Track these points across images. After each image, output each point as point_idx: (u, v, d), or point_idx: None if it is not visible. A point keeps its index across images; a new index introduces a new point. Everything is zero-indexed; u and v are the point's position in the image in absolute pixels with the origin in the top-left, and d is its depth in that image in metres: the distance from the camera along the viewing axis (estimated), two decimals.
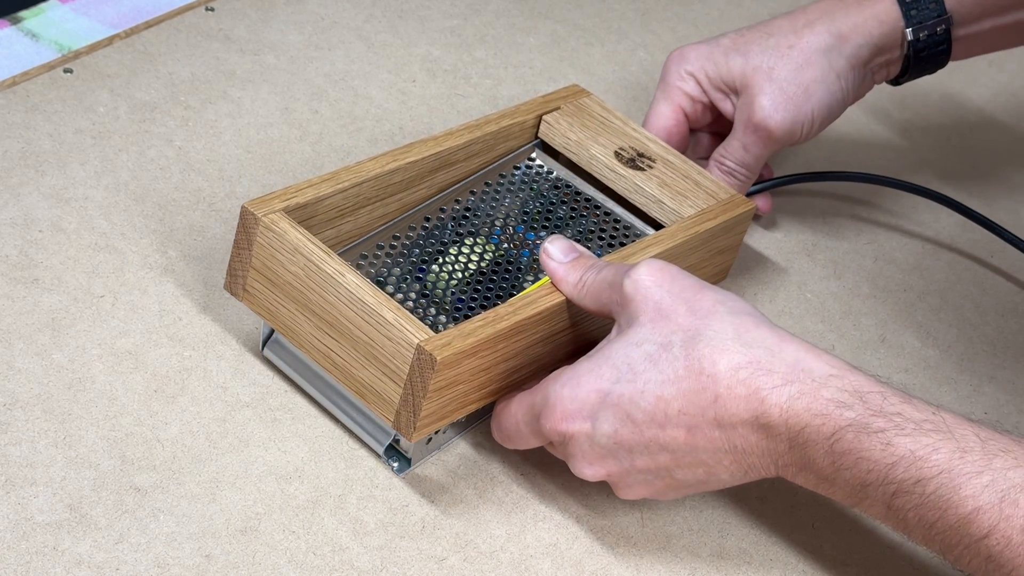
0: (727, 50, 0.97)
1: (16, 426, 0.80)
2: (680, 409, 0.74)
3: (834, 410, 0.72)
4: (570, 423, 0.76)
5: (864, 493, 0.73)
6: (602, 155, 0.93)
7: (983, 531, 0.69)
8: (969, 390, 0.94)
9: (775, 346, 0.74)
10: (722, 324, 0.75)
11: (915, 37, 0.96)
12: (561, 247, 0.82)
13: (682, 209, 0.91)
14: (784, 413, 0.73)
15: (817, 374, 0.73)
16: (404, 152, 0.88)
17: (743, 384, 0.73)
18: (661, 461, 0.76)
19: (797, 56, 0.95)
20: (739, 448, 0.74)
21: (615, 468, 0.77)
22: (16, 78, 1.00)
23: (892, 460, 0.71)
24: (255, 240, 0.81)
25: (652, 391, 0.74)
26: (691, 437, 0.74)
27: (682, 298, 0.76)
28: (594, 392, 0.76)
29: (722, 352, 0.74)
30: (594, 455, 0.77)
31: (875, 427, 0.72)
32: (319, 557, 0.77)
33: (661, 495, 0.78)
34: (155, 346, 0.86)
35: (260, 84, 1.04)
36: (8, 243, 0.89)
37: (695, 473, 0.76)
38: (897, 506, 0.72)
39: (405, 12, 1.13)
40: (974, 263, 1.04)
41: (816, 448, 0.73)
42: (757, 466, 0.75)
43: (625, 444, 0.75)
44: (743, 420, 0.73)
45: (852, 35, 0.95)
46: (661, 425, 0.75)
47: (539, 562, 0.79)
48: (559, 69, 1.11)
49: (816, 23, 0.96)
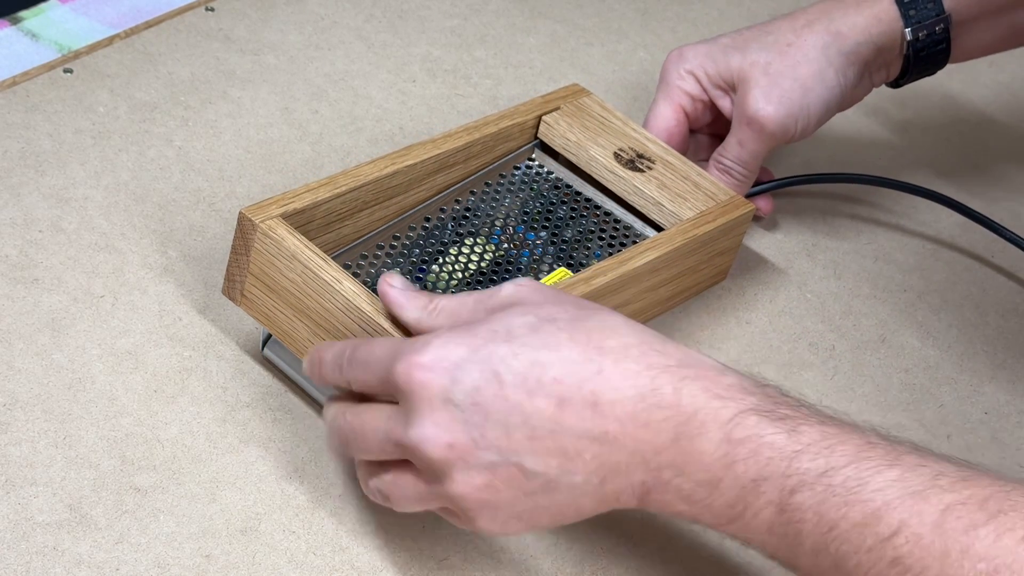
0: (726, 48, 0.97)
1: (16, 426, 0.80)
2: (555, 377, 0.66)
3: (735, 394, 0.67)
4: (428, 371, 0.67)
5: (756, 494, 0.66)
6: (601, 156, 0.93)
7: (892, 528, 0.64)
8: (969, 390, 0.94)
9: (666, 339, 0.69)
10: (613, 316, 0.70)
11: (914, 37, 0.96)
12: (402, 280, 0.75)
13: (681, 211, 0.91)
14: (677, 393, 0.66)
15: (714, 365, 0.68)
16: (402, 155, 0.88)
17: (633, 360, 0.67)
18: (515, 438, 0.67)
19: (795, 53, 0.95)
20: (609, 437, 0.67)
21: (462, 437, 0.67)
22: (16, 78, 1.00)
23: (798, 448, 0.65)
24: (253, 246, 0.81)
25: (529, 354, 0.67)
26: (559, 412, 0.66)
27: (568, 298, 0.71)
28: (464, 346, 0.68)
29: (613, 331, 0.68)
30: (444, 415, 0.67)
31: (780, 413, 0.67)
32: (319, 557, 0.77)
33: (497, 501, 0.68)
34: (155, 346, 0.86)
35: (260, 84, 1.04)
36: (8, 243, 0.89)
37: (548, 464, 0.67)
38: (794, 506, 0.65)
39: (405, 12, 1.13)
40: (975, 263, 1.04)
41: (708, 437, 0.66)
42: (621, 468, 0.67)
43: (483, 406, 0.67)
44: (626, 398, 0.66)
45: (851, 34, 0.95)
46: (530, 392, 0.66)
47: (539, 562, 0.79)
48: (559, 69, 1.11)
49: (815, 23, 0.96)
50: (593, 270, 0.85)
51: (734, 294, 0.97)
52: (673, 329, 0.94)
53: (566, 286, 0.83)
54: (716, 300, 0.97)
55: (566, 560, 0.80)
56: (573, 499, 0.68)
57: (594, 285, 0.84)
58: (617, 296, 0.87)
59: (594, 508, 0.69)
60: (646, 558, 0.81)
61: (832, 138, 1.11)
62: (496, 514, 0.69)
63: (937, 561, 0.63)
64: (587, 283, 0.84)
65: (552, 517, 0.69)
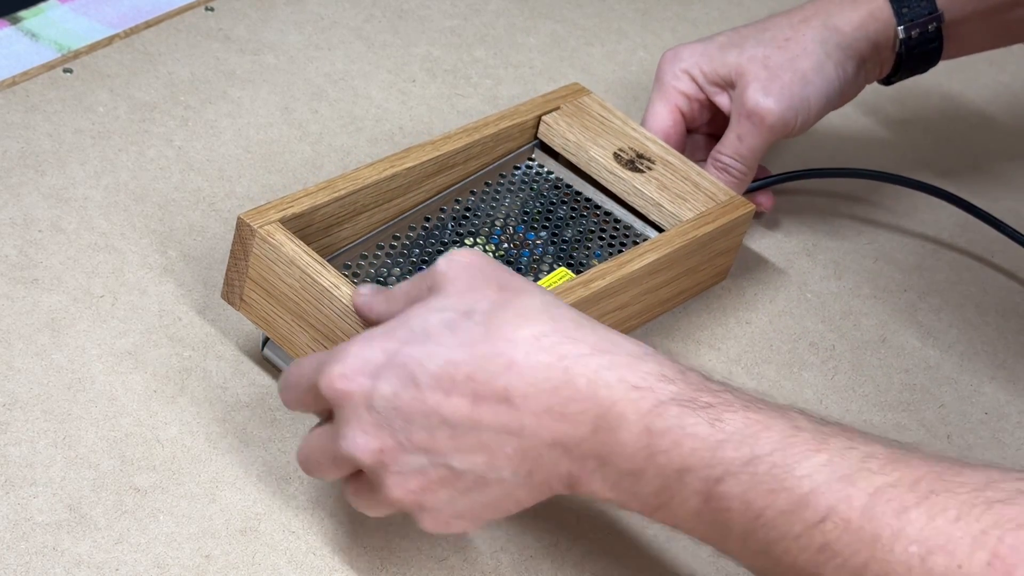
0: (722, 45, 0.97)
1: (16, 426, 0.80)
2: (468, 374, 0.66)
3: (654, 383, 0.65)
4: (348, 381, 0.68)
5: (680, 483, 0.65)
6: (601, 157, 0.93)
7: (819, 514, 0.62)
8: (969, 390, 0.94)
9: (586, 322, 0.68)
10: (531, 299, 0.69)
11: (907, 35, 0.96)
12: (369, 287, 0.76)
13: (681, 212, 0.91)
14: (592, 384, 0.65)
15: (632, 350, 0.67)
16: (401, 158, 0.88)
17: (545, 351, 0.66)
18: (439, 439, 0.67)
19: (794, 47, 0.95)
20: (528, 431, 0.66)
21: (389, 442, 0.67)
22: (16, 78, 1.00)
23: (721, 437, 0.64)
24: (251, 251, 0.81)
25: (443, 354, 0.67)
26: (475, 409, 0.66)
27: (495, 276, 0.70)
28: (381, 351, 0.68)
29: (526, 320, 0.67)
30: (369, 421, 0.68)
31: (702, 402, 0.65)
32: (319, 557, 0.77)
33: (435, 502, 0.69)
34: (155, 346, 0.86)
35: (260, 84, 1.04)
36: (8, 243, 0.89)
37: (474, 462, 0.67)
38: (720, 495, 0.64)
39: (405, 12, 1.13)
40: (975, 262, 1.04)
41: (628, 429, 0.65)
42: (545, 459, 0.67)
43: (404, 410, 0.67)
44: (540, 391, 0.66)
45: (848, 29, 0.96)
46: (446, 392, 0.66)
47: (539, 562, 0.79)
48: (559, 69, 1.11)
49: (812, 18, 0.96)
50: (592, 273, 0.85)
51: (734, 294, 0.97)
52: (673, 329, 0.94)
53: (565, 290, 0.83)
54: (716, 300, 0.97)
55: (566, 560, 0.80)
56: (507, 492, 0.69)
57: (592, 288, 0.83)
58: (616, 298, 0.86)
59: (533, 497, 0.69)
60: (646, 558, 0.81)
61: (832, 138, 1.11)
62: (438, 514, 0.70)
63: (867, 546, 0.62)
64: (586, 287, 0.83)
65: (494, 511, 0.70)
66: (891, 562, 0.61)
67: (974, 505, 0.61)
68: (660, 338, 0.93)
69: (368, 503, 0.72)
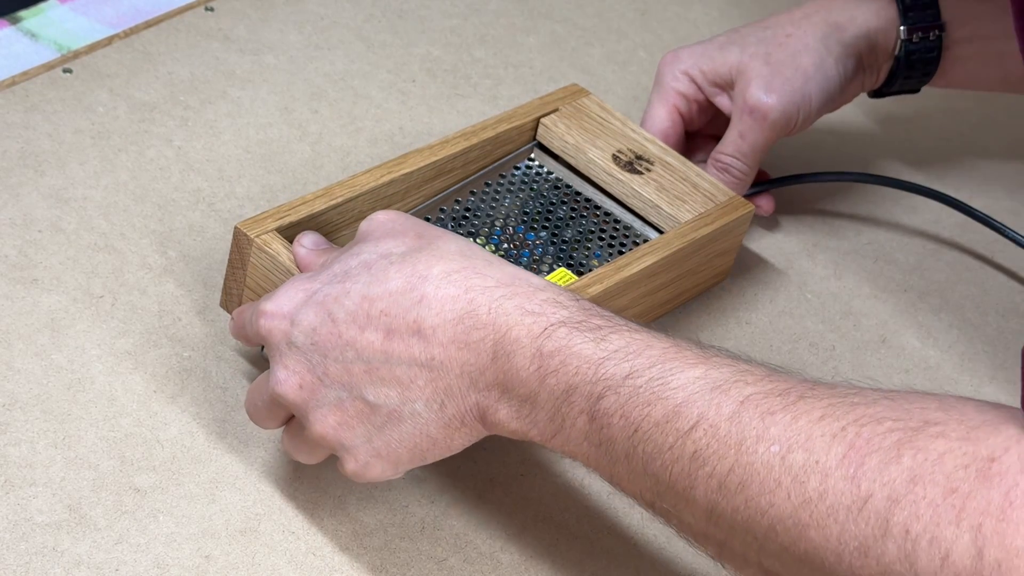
0: (722, 45, 0.97)
1: (15, 426, 0.80)
2: (383, 310, 0.70)
3: (548, 308, 0.68)
4: (270, 319, 0.72)
5: (568, 404, 0.67)
6: (599, 159, 0.93)
7: (690, 422, 0.64)
8: (969, 390, 0.94)
9: (495, 260, 0.71)
10: (447, 243, 0.72)
11: (908, 36, 0.96)
12: (313, 239, 0.80)
13: (679, 214, 0.91)
14: (492, 312, 0.68)
15: (535, 282, 0.70)
16: (399, 164, 0.88)
17: (453, 284, 0.69)
18: (354, 372, 0.70)
19: (795, 43, 0.95)
20: (437, 362, 0.69)
21: (308, 376, 0.71)
22: (15, 78, 1.00)
23: (604, 355, 0.67)
24: (249, 261, 0.81)
25: (359, 291, 0.70)
26: (388, 342, 0.70)
27: (413, 227, 0.74)
28: (302, 291, 0.72)
29: (439, 258, 0.70)
30: (290, 356, 0.71)
31: (590, 325, 0.68)
32: (319, 558, 0.77)
33: (353, 438, 0.71)
34: (155, 346, 0.86)
35: (260, 84, 1.04)
36: (7, 243, 0.89)
37: (388, 395, 0.70)
38: (602, 411, 0.66)
39: (405, 12, 1.13)
40: (975, 262, 1.04)
41: (522, 353, 0.68)
42: (455, 390, 0.70)
43: (321, 345, 0.71)
44: (446, 321, 0.69)
45: (850, 26, 0.96)
46: (361, 327, 0.70)
47: (539, 562, 0.79)
48: (559, 69, 1.11)
49: (813, 15, 0.97)
50: (590, 278, 0.85)
51: (734, 294, 0.97)
52: (673, 329, 0.94)
53: None
54: (716, 300, 0.97)
55: (566, 560, 0.80)
56: (420, 427, 0.71)
57: (589, 294, 0.83)
58: (614, 302, 0.86)
59: (446, 436, 0.71)
60: (646, 558, 0.81)
61: (832, 139, 1.11)
62: (357, 452, 0.72)
63: (733, 450, 0.63)
64: (583, 292, 0.83)
65: (410, 451, 0.72)
66: (754, 464, 0.63)
67: (837, 407, 0.63)
68: None
69: (298, 446, 0.75)
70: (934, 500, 0.59)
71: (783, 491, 0.62)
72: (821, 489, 0.61)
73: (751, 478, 0.62)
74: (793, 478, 0.61)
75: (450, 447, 0.72)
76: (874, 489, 0.60)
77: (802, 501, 0.61)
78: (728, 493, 0.63)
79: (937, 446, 0.60)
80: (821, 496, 0.61)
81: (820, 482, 0.61)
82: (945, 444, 0.60)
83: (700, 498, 0.64)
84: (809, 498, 0.61)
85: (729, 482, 0.63)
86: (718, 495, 0.64)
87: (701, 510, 0.65)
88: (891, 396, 0.63)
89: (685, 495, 0.65)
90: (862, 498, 0.60)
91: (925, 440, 0.60)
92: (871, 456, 0.60)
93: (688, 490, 0.65)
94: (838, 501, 0.60)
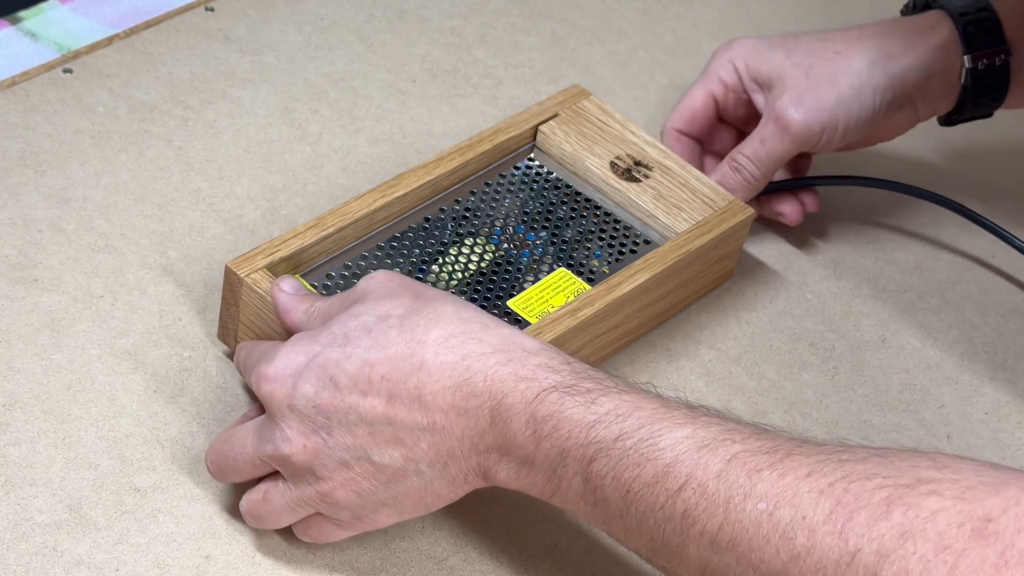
0: (773, 45, 0.96)
1: (16, 426, 0.80)
2: (384, 375, 0.71)
3: (540, 374, 0.70)
4: (270, 383, 0.73)
5: (563, 466, 0.69)
6: (597, 168, 0.93)
7: (679, 482, 0.65)
8: (969, 391, 0.94)
9: (491, 323, 0.72)
10: (444, 305, 0.73)
11: (974, 64, 0.94)
12: (292, 284, 0.80)
13: (676, 224, 0.90)
14: (488, 380, 0.70)
15: (529, 346, 0.71)
16: (392, 186, 0.87)
17: (451, 350, 0.70)
18: (359, 435, 0.71)
19: (841, 62, 0.93)
20: (439, 427, 0.71)
21: (313, 438, 0.72)
22: (15, 78, 1.00)
23: (594, 418, 0.68)
24: (240, 299, 0.81)
25: (360, 355, 0.71)
26: (390, 407, 0.71)
27: (411, 288, 0.75)
28: (303, 354, 0.73)
29: (436, 323, 0.72)
30: (292, 419, 0.72)
31: (581, 388, 0.69)
32: (319, 557, 0.77)
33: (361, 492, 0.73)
34: (155, 346, 0.86)
35: (260, 84, 1.04)
36: (7, 243, 0.89)
37: (392, 456, 0.71)
38: (595, 473, 0.68)
39: (405, 12, 1.13)
40: (975, 264, 1.04)
41: (518, 419, 0.69)
42: (457, 452, 0.71)
43: (324, 410, 0.72)
44: (446, 388, 0.70)
45: (902, 56, 0.94)
46: (363, 392, 0.71)
47: (539, 562, 0.79)
48: (559, 69, 1.11)
49: (868, 38, 0.94)
50: (582, 300, 0.84)
51: (734, 294, 0.97)
52: (673, 329, 0.94)
53: (554, 320, 0.83)
54: (716, 300, 0.97)
55: (566, 560, 0.80)
56: (426, 484, 0.72)
57: (580, 318, 0.83)
58: (610, 320, 0.86)
59: (451, 491, 0.73)
60: None
61: None
62: (363, 505, 0.73)
63: (721, 508, 0.64)
64: (573, 316, 0.83)
65: (415, 503, 0.73)
66: (742, 521, 0.63)
67: (825, 463, 0.63)
68: (660, 338, 0.93)
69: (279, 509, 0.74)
70: (925, 556, 0.58)
71: (772, 547, 0.62)
72: (808, 545, 0.61)
73: (740, 535, 0.63)
74: (781, 534, 0.62)
75: (454, 497, 0.74)
76: (862, 544, 0.60)
77: (791, 557, 0.62)
78: (720, 550, 0.64)
79: (930, 503, 0.60)
80: (809, 552, 0.61)
81: (807, 537, 0.61)
82: (938, 502, 0.60)
83: (693, 555, 0.65)
84: (798, 554, 0.61)
85: (720, 539, 0.64)
86: (710, 552, 0.64)
87: (695, 567, 0.65)
88: (882, 453, 0.63)
89: (679, 552, 0.66)
90: (850, 553, 0.60)
91: (917, 497, 0.60)
92: (859, 512, 0.61)
93: (681, 547, 0.66)
94: (826, 556, 0.61)
